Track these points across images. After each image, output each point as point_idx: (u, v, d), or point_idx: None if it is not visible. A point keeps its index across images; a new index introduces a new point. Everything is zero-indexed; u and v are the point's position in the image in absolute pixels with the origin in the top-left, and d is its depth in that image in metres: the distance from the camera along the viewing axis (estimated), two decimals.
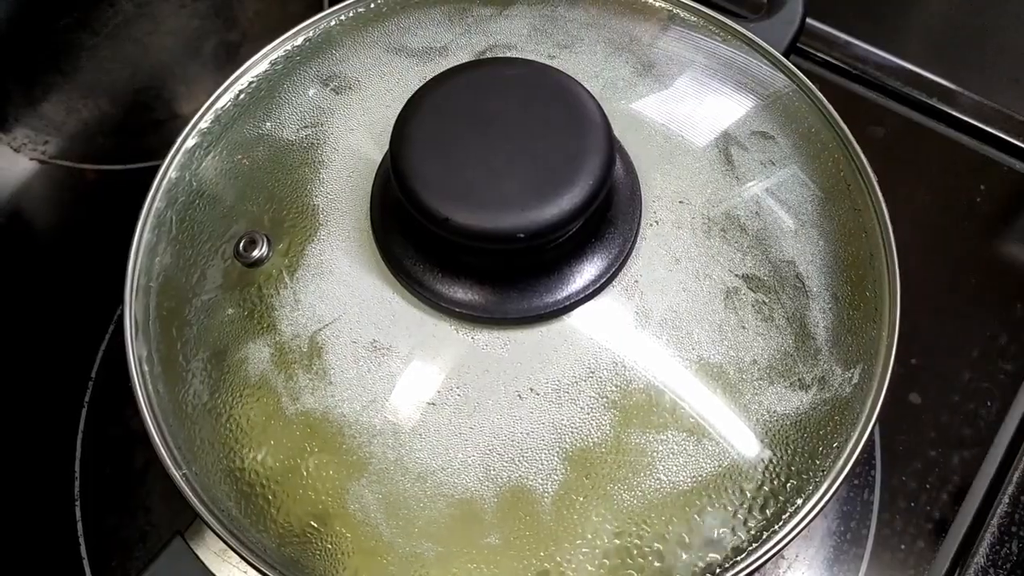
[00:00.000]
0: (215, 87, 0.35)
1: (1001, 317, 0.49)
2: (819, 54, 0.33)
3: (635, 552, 0.27)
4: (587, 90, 0.28)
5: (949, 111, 0.53)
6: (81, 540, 0.44)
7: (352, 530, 0.28)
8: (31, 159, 0.56)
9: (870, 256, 0.32)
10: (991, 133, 0.52)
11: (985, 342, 0.48)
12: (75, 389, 0.48)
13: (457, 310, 0.28)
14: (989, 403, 0.46)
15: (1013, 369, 0.47)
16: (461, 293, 0.28)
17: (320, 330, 0.29)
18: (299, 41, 0.36)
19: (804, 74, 0.35)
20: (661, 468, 0.28)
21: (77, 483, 0.45)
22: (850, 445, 0.29)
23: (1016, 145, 0.52)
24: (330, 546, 0.28)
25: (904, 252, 0.32)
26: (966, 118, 0.53)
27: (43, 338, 0.50)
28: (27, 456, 0.47)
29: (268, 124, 0.34)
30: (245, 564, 0.29)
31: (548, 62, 0.33)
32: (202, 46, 0.60)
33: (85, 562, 0.44)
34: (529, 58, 0.30)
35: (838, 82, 0.34)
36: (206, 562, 0.30)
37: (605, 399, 0.28)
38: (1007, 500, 0.44)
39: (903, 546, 0.44)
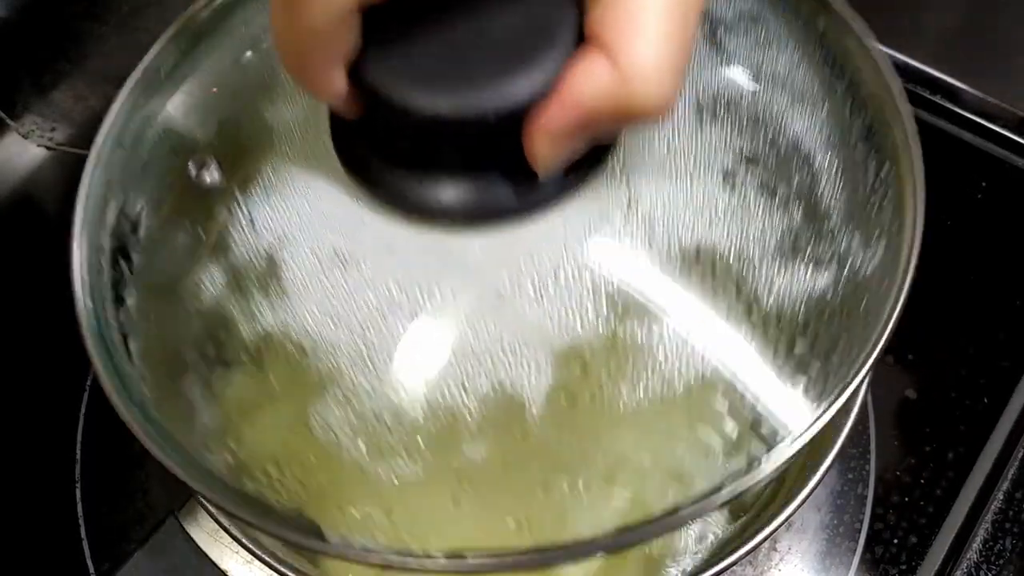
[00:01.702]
0: None
1: (999, 313, 0.49)
2: None
3: (641, 458, 0.26)
4: None
5: (952, 108, 0.53)
6: (81, 522, 0.45)
7: (323, 455, 0.26)
8: (39, 146, 0.56)
9: (883, 124, 0.29)
10: (993, 130, 0.52)
11: (982, 338, 0.48)
12: (78, 373, 0.48)
13: (426, 213, 0.25)
14: (985, 399, 0.46)
15: (1010, 366, 0.47)
16: (430, 193, 0.25)
17: (276, 245, 0.27)
18: None
19: None
20: (662, 365, 0.25)
21: (78, 466, 0.46)
22: (879, 326, 0.25)
23: (1019, 142, 0.52)
24: (299, 475, 0.26)
25: None
26: (969, 115, 0.53)
27: (48, 322, 0.50)
28: (29, 439, 0.47)
29: (215, 54, 0.31)
30: (237, 544, 0.29)
31: None
32: None
33: (84, 543, 0.44)
34: None
35: None
36: (199, 542, 0.31)
37: (595, 294, 0.25)
38: (1001, 497, 0.44)
39: (896, 540, 0.44)
